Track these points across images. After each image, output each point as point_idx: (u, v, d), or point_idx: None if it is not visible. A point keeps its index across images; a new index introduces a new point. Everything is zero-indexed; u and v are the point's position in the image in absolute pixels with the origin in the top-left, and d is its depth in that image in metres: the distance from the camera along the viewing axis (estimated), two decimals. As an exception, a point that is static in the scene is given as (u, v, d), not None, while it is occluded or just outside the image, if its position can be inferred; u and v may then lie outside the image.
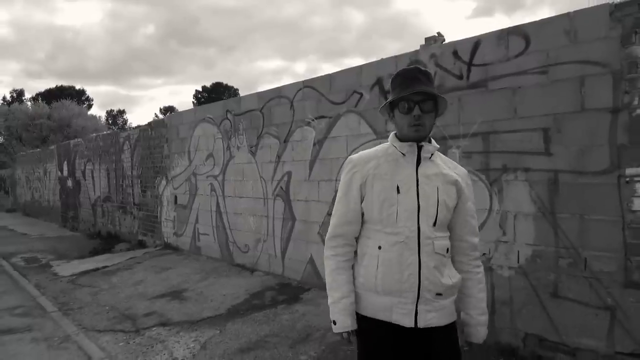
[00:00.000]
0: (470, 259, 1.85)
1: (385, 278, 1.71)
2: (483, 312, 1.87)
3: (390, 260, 1.70)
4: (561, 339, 3.23)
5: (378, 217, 1.74)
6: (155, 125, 8.75)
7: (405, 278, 1.68)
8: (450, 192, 1.76)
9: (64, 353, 3.98)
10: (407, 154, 1.75)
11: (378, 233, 1.75)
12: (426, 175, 1.74)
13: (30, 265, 7.84)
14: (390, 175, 1.75)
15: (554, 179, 3.26)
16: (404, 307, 1.70)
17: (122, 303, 5.29)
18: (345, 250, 1.83)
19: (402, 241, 1.69)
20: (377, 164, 1.78)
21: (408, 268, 1.69)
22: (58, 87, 46.55)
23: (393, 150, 1.79)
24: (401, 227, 1.70)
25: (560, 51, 3.21)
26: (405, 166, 1.75)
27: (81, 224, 12.23)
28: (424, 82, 1.69)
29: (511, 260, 3.50)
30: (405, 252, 1.69)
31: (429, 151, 1.76)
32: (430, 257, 1.69)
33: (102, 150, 10.85)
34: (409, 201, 1.71)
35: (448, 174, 1.78)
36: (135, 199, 9.41)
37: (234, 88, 51.11)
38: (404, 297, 1.69)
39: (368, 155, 1.84)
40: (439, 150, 1.84)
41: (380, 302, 1.73)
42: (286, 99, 5.57)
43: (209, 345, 3.91)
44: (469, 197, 1.82)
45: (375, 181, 1.76)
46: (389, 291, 1.71)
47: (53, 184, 14.73)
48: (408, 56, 4.22)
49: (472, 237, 1.85)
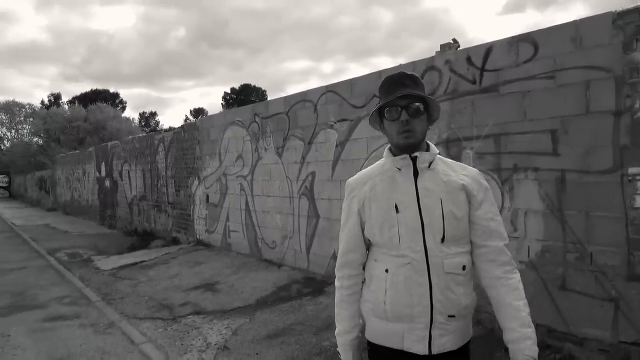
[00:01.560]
0: (499, 265, 1.62)
1: (394, 303, 1.58)
2: (525, 323, 1.60)
3: (398, 284, 1.57)
4: (569, 330, 3.41)
5: (381, 241, 1.62)
6: (187, 128, 9.21)
7: (416, 302, 1.55)
8: (458, 199, 1.59)
9: (109, 337, 4.39)
10: (403, 167, 1.61)
11: (385, 256, 1.63)
12: (426, 187, 1.59)
13: (74, 260, 8.41)
14: (387, 195, 1.61)
15: (561, 178, 3.45)
16: (416, 334, 1.57)
17: (160, 294, 5.71)
18: (350, 283, 1.72)
19: (408, 263, 1.56)
20: (373, 185, 1.66)
21: (418, 291, 1.55)
22: (93, 90, 48.33)
23: (389, 166, 1.65)
24: (405, 248, 1.57)
25: (567, 57, 3.39)
26: (402, 182, 1.61)
27: (118, 222, 12.87)
28: (410, 87, 1.56)
29: (522, 255, 3.70)
30: (414, 275, 1.56)
31: (425, 160, 1.60)
32: (441, 278, 1.55)
33: (137, 151, 11.42)
34: (410, 219, 1.57)
35: (452, 180, 1.61)
36: (169, 198, 9.91)
37: (262, 89, 51.95)
38: (416, 322, 1.56)
39: (365, 175, 1.73)
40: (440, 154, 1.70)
41: (391, 329, 1.61)
42: (310, 102, 5.88)
43: (240, 332, 4.25)
44: (484, 199, 1.63)
45: (372, 203, 1.64)
46: (399, 317, 1.58)
47: (91, 184, 15.48)
48: (425, 62, 4.45)
49: (495, 241, 1.62)
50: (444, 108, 4.23)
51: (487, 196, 1.65)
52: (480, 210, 1.62)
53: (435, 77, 4.33)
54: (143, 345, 4.13)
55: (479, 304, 3.99)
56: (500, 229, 1.65)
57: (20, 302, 5.70)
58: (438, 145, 4.22)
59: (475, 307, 1.72)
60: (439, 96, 4.27)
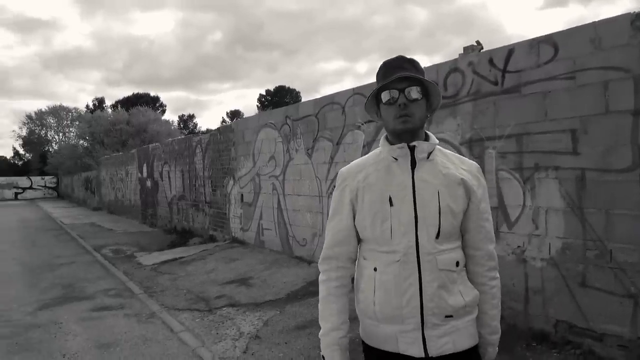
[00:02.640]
0: (485, 270, 1.57)
1: (383, 304, 1.49)
2: (494, 330, 1.61)
3: (387, 283, 1.48)
4: (589, 325, 3.47)
5: (371, 235, 1.53)
6: (223, 130, 9.59)
7: (405, 303, 1.46)
8: (456, 194, 1.50)
9: (151, 326, 4.73)
10: (399, 157, 1.51)
11: (373, 253, 1.53)
12: (423, 179, 1.49)
13: (118, 256, 8.92)
14: (381, 186, 1.51)
15: (581, 177, 3.51)
16: (409, 335, 1.47)
17: (197, 287, 6.05)
18: (337, 275, 1.59)
19: (398, 260, 1.47)
20: (367, 174, 1.55)
21: (407, 291, 1.46)
22: (135, 94, 50.13)
23: (385, 155, 1.55)
24: (396, 244, 1.47)
25: (586, 58, 3.46)
26: (398, 172, 1.51)
27: (159, 220, 13.45)
28: (409, 70, 1.47)
29: (543, 252, 3.78)
30: (403, 273, 1.46)
31: (424, 150, 1.50)
32: (433, 276, 1.45)
33: (177, 153, 11.94)
34: (404, 213, 1.47)
35: (451, 173, 1.51)
36: (206, 197, 10.33)
37: (296, 91, 52.53)
38: (406, 323, 1.46)
39: (358, 165, 1.62)
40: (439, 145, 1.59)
41: (383, 332, 1.51)
42: (338, 105, 6.09)
43: (271, 323, 4.50)
44: (482, 197, 1.55)
45: (365, 194, 1.53)
46: (389, 318, 1.48)
47: (134, 185, 16.20)
48: (448, 65, 4.57)
49: (488, 244, 1.57)
50: (467, 109, 4.35)
51: (484, 194, 1.58)
52: (478, 209, 1.54)
53: (459, 78, 4.44)
54: (181, 333, 4.44)
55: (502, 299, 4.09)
56: (492, 231, 1.60)
57: (70, 293, 6.16)
58: (462, 145, 4.37)
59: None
60: (462, 97, 4.38)
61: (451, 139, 4.51)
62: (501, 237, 4.05)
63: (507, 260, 4.01)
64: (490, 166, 4.17)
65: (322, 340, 1.59)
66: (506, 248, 4.03)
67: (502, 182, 4.07)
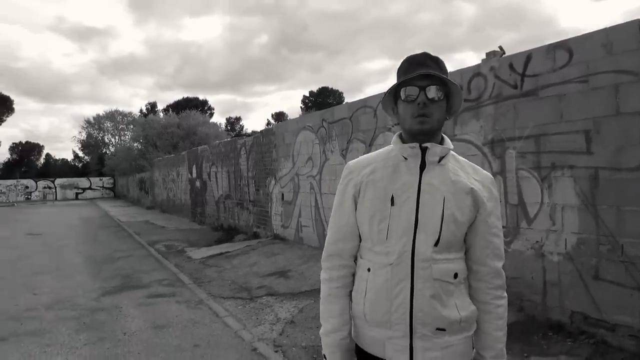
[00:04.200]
0: (490, 288, 1.47)
1: (373, 306, 1.44)
2: (499, 354, 1.48)
3: (378, 286, 1.43)
4: (602, 317, 3.66)
5: (368, 233, 1.47)
6: (265, 133, 10.14)
7: (395, 308, 1.40)
8: (463, 203, 1.42)
9: (199, 311, 5.26)
10: (409, 157, 1.43)
11: (369, 253, 1.48)
12: (430, 183, 1.42)
13: (170, 251, 9.64)
14: (386, 184, 1.45)
15: (594, 175, 3.70)
16: (397, 342, 1.41)
17: (240, 279, 6.57)
18: (340, 274, 1.54)
19: (391, 263, 1.41)
20: (373, 170, 1.49)
21: (398, 296, 1.40)
22: (184, 98, 52.23)
23: (395, 153, 1.47)
24: (391, 245, 1.41)
25: (599, 62, 3.65)
26: (406, 172, 1.44)
27: (207, 218, 14.22)
28: (432, 68, 1.38)
29: (559, 247, 3.98)
30: (395, 277, 1.40)
31: (436, 154, 1.42)
32: (426, 284, 1.38)
33: (223, 155, 12.63)
34: (404, 215, 1.41)
35: (461, 181, 1.43)
36: (250, 196, 10.92)
37: (339, 92, 52.98)
38: (394, 330, 1.41)
39: (366, 159, 1.56)
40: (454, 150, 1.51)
41: (371, 335, 1.47)
42: (370, 108, 6.43)
43: (305, 310, 4.92)
44: (491, 210, 1.46)
45: (368, 190, 1.48)
46: (378, 322, 1.44)
47: (184, 185, 17.12)
48: (472, 69, 4.82)
49: (495, 261, 1.47)
50: (489, 111, 4.59)
51: (495, 207, 1.48)
52: (487, 222, 1.45)
53: (482, 82, 4.68)
54: (225, 318, 4.93)
55: (522, 291, 4.31)
56: (501, 247, 1.49)
57: (128, 282, 6.83)
58: (484, 146, 4.62)
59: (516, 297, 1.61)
60: (485, 100, 4.62)
61: (475, 139, 4.76)
62: (521, 232, 4.28)
63: (526, 255, 4.23)
64: (510, 166, 4.40)
65: (323, 340, 1.55)
66: (526, 243, 4.25)
67: (522, 181, 4.29)
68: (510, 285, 4.24)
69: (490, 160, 4.58)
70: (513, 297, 4.36)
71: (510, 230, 4.36)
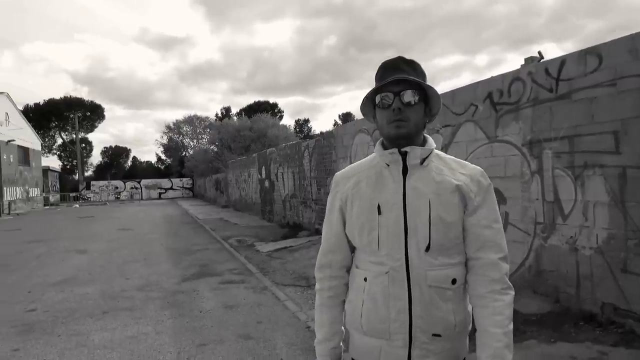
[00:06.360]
0: (486, 281, 1.39)
1: (370, 316, 1.42)
2: (496, 354, 1.34)
3: (375, 295, 1.41)
4: (630, 307, 3.86)
5: (360, 244, 1.47)
6: (326, 136, 10.77)
7: (394, 317, 1.39)
8: (449, 202, 1.39)
9: (263, 296, 5.97)
10: (391, 163, 1.42)
11: (364, 263, 1.47)
12: (415, 187, 1.40)
13: (240, 245, 10.57)
14: (371, 193, 1.44)
15: (622, 173, 3.90)
16: (395, 352, 1.40)
17: (300, 269, 7.24)
18: (330, 285, 1.55)
19: (386, 272, 1.40)
20: (358, 181, 1.49)
21: (395, 305, 1.38)
22: (256, 102, 54.51)
23: (378, 161, 1.48)
24: (384, 255, 1.40)
25: (626, 66, 3.85)
26: (389, 179, 1.43)
27: (275, 216, 15.14)
28: (407, 72, 1.38)
29: (591, 242, 4.20)
30: (391, 286, 1.39)
31: (417, 156, 1.40)
32: (423, 291, 1.37)
33: (289, 156, 13.45)
34: (392, 223, 1.39)
35: (445, 180, 1.41)
36: (313, 195, 11.61)
37: (407, 90, 52.31)
38: (394, 339, 1.39)
39: (351, 170, 1.56)
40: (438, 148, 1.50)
41: (367, 345, 1.46)
42: (420, 112, 6.80)
43: (355, 297, 5.46)
44: (481, 202, 1.41)
45: (355, 201, 1.47)
46: (375, 332, 1.42)
47: (255, 185, 18.25)
48: (512, 74, 5.09)
49: (488, 253, 1.40)
50: (527, 114, 4.87)
51: (486, 199, 1.43)
52: (475, 215, 1.41)
53: (520, 86, 4.96)
54: (285, 302, 5.59)
55: (558, 284, 4.57)
56: (496, 238, 1.41)
57: (204, 271, 7.74)
58: (523, 147, 4.91)
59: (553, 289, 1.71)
60: (523, 103, 4.90)
61: (514, 140, 5.04)
62: (557, 228, 4.52)
63: (562, 249, 4.47)
64: (547, 165, 4.65)
65: (316, 348, 1.57)
66: (561, 239, 4.49)
67: (557, 180, 4.53)
68: (548, 278, 4.56)
69: (529, 160, 4.85)
70: (550, 289, 4.62)
71: (547, 226, 4.61)
